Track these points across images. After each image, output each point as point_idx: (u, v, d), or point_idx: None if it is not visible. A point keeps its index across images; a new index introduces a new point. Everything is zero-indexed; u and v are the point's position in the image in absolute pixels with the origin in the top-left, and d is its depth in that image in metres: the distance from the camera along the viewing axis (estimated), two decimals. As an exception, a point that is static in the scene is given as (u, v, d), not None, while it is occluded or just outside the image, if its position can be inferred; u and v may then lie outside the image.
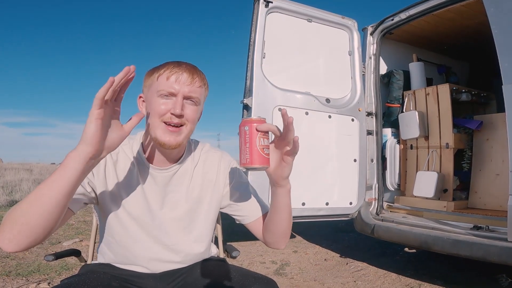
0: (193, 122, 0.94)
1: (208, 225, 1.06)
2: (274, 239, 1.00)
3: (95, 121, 0.70)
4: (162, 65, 0.93)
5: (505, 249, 1.86)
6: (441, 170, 2.83)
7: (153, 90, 0.91)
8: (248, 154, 0.78)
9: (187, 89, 0.90)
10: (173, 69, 0.90)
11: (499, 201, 2.53)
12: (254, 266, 2.93)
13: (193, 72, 0.92)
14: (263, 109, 2.41)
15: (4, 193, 6.44)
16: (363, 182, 2.78)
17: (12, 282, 2.35)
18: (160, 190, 0.99)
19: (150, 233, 0.99)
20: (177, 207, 1.01)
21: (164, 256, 1.00)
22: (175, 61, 0.94)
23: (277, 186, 0.89)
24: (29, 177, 9.94)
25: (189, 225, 1.02)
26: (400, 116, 3.05)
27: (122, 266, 1.01)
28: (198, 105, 0.94)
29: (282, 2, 2.56)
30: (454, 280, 2.44)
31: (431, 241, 2.22)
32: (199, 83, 0.92)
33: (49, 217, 0.71)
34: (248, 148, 0.78)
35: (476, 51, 3.32)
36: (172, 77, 0.89)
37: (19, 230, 0.70)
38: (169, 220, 1.00)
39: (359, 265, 2.88)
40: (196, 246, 1.04)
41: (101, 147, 0.74)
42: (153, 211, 0.98)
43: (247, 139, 0.79)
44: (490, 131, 2.75)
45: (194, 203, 1.03)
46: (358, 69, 2.84)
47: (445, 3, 2.44)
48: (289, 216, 0.96)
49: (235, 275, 0.94)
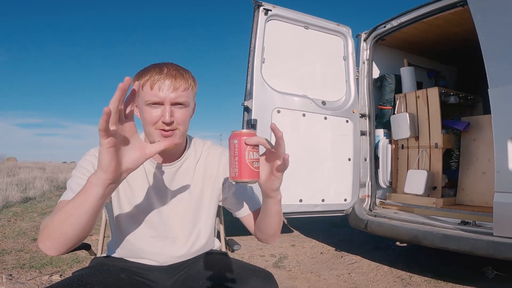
0: (185, 123, 0.91)
1: (210, 218, 1.06)
2: (264, 237, 0.98)
3: (107, 150, 0.65)
4: (145, 71, 0.87)
5: (491, 243, 1.86)
6: (431, 168, 2.83)
7: (141, 99, 0.87)
8: (237, 168, 0.73)
9: (172, 95, 0.86)
10: (155, 76, 0.85)
11: (485, 198, 2.53)
12: (254, 259, 2.93)
13: (175, 76, 0.87)
14: (263, 111, 2.41)
15: (19, 190, 6.45)
16: (357, 180, 2.77)
17: (26, 274, 2.35)
18: (166, 185, 0.99)
19: (156, 227, 0.99)
20: (181, 202, 1.01)
21: (169, 249, 1.00)
22: (157, 65, 0.88)
23: (267, 197, 0.85)
24: (42, 175, 9.95)
25: (192, 219, 1.02)
26: (392, 117, 3.05)
27: (130, 259, 1.00)
28: (187, 106, 0.90)
29: (280, 10, 2.56)
30: (443, 272, 2.44)
31: (421, 236, 2.22)
32: (183, 86, 0.87)
33: (81, 230, 0.72)
34: (237, 161, 0.73)
35: (464, 56, 3.31)
36: (155, 86, 0.85)
37: (56, 241, 0.73)
38: (174, 215, 1.00)
39: (353, 258, 2.88)
40: (199, 239, 1.04)
41: (118, 172, 0.69)
42: (159, 206, 0.99)
43: (236, 153, 0.73)
44: (476, 132, 2.75)
45: (197, 198, 1.03)
46: (352, 73, 2.84)
47: (434, 11, 2.43)
48: (279, 221, 0.93)
49: (234, 267, 0.93)
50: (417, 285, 2.26)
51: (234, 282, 0.87)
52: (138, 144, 0.71)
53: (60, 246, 0.73)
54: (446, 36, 2.93)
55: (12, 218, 4.29)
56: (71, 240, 0.73)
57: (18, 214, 4.57)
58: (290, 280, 2.42)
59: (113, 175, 0.68)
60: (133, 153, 0.70)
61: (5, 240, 3.26)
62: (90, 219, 0.71)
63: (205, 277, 0.92)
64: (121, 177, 0.71)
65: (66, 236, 0.72)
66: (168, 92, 0.85)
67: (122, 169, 0.69)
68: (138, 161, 0.71)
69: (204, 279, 0.92)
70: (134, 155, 0.70)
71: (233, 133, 0.74)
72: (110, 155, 0.65)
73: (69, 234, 0.72)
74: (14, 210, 4.84)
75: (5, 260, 2.64)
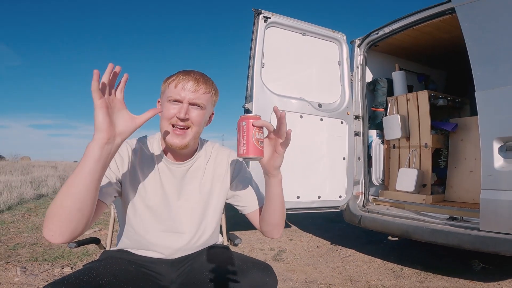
0: (199, 125, 0.94)
1: (216, 214, 1.07)
2: (269, 228, 1.00)
3: (100, 110, 0.71)
4: (175, 74, 0.94)
5: (478, 238, 1.86)
6: (421, 167, 2.83)
7: (165, 96, 0.93)
8: (244, 146, 0.80)
9: (192, 96, 0.91)
10: (181, 77, 0.92)
11: (472, 195, 2.53)
12: (254, 252, 2.93)
13: (199, 80, 0.92)
14: (262, 113, 2.40)
15: (32, 188, 6.45)
16: (351, 178, 2.78)
17: (39, 267, 2.35)
18: (177, 182, 1.00)
19: (165, 222, 0.99)
20: (191, 199, 1.02)
21: (176, 243, 1.00)
22: (186, 70, 0.95)
23: (270, 175, 0.90)
24: (54, 174, 9.95)
25: (200, 215, 1.03)
26: (384, 119, 3.05)
27: (138, 252, 1.01)
28: (204, 110, 0.94)
29: (279, 18, 2.56)
30: (432, 265, 2.44)
31: (412, 230, 2.22)
32: (204, 90, 0.92)
33: (83, 204, 0.72)
34: (245, 140, 0.80)
35: (452, 61, 3.32)
36: (179, 85, 0.91)
37: (58, 220, 0.71)
38: (183, 210, 1.01)
39: (348, 252, 2.88)
40: (204, 234, 1.04)
41: (112, 132, 0.74)
42: (170, 202, 0.99)
43: (244, 133, 0.80)
44: (464, 133, 2.75)
45: (206, 195, 1.04)
46: (347, 77, 2.84)
47: (424, 19, 2.43)
48: (282, 206, 0.96)
49: (236, 260, 0.94)
50: (407, 277, 2.26)
51: (235, 274, 0.88)
52: (128, 115, 0.77)
53: (63, 226, 0.71)
54: (436, 42, 2.93)
55: (26, 214, 4.29)
56: (73, 218, 0.71)
57: (31, 210, 4.57)
58: (288, 272, 2.42)
59: (107, 134, 0.72)
60: (124, 119, 0.76)
61: (19, 235, 3.26)
62: (89, 188, 0.72)
63: (207, 270, 0.93)
64: (115, 141, 0.75)
65: (68, 212, 0.70)
66: (189, 92, 0.91)
67: (116, 131, 0.74)
68: (130, 127, 0.76)
69: (207, 272, 0.92)
70: (125, 121, 0.76)
71: (242, 117, 0.81)
72: (103, 113, 0.71)
73: (70, 209, 0.70)
74: (28, 206, 4.85)
75: (20, 254, 2.65)
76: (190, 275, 0.96)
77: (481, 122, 1.90)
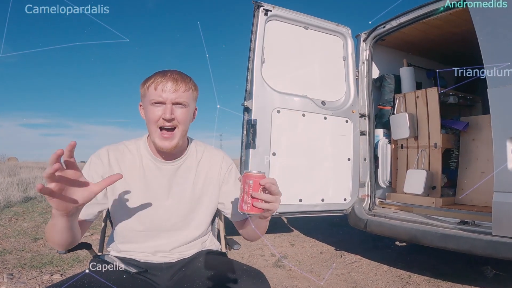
0: (185, 123, 0.99)
1: (207, 215, 1.11)
2: (250, 239, 1.11)
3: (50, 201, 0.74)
4: (151, 76, 0.98)
5: (490, 243, 1.86)
6: (430, 168, 2.83)
7: (147, 99, 0.98)
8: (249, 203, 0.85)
9: (173, 95, 0.95)
10: (159, 79, 0.96)
11: (485, 197, 2.52)
12: (254, 258, 2.93)
13: (177, 79, 0.97)
14: (263, 111, 2.41)
15: (20, 190, 6.45)
16: (356, 180, 2.77)
17: (27, 274, 2.35)
18: (166, 181, 1.04)
19: (153, 224, 1.02)
20: (181, 199, 1.05)
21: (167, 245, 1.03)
22: (162, 71, 0.99)
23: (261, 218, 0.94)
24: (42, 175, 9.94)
25: (190, 216, 1.06)
26: (391, 117, 3.05)
27: (128, 255, 1.03)
28: (187, 107, 0.99)
29: (280, 11, 2.56)
30: (442, 272, 2.44)
31: (421, 235, 2.22)
32: (184, 88, 0.97)
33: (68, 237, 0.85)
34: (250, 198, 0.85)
35: (463, 56, 3.31)
36: (159, 87, 0.95)
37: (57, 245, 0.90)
38: (173, 211, 1.04)
39: (353, 258, 2.88)
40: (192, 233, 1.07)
41: (69, 210, 0.77)
42: (159, 202, 1.02)
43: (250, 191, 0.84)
44: (476, 132, 2.75)
45: (197, 197, 1.07)
46: (352, 73, 2.83)
47: (433, 12, 2.43)
48: (263, 231, 1.03)
49: (227, 267, 0.97)
50: (416, 284, 2.26)
51: (226, 281, 0.90)
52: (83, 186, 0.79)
53: (63, 247, 0.91)
54: (446, 37, 2.93)
55: (13, 218, 4.29)
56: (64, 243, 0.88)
57: (19, 214, 4.57)
58: (290, 280, 2.42)
59: (66, 212, 0.77)
60: (81, 191, 0.78)
61: (6, 240, 3.26)
62: (70, 232, 0.83)
63: (199, 277, 0.95)
64: (77, 210, 0.80)
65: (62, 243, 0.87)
66: (169, 92, 0.95)
67: (73, 206, 0.78)
68: (87, 197, 0.79)
69: (198, 279, 0.95)
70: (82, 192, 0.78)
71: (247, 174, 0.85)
72: (53, 203, 0.75)
73: (62, 242, 0.87)
74: (15, 209, 4.84)
75: (6, 260, 2.64)
76: (181, 282, 0.99)
77: (494, 121, 1.90)
